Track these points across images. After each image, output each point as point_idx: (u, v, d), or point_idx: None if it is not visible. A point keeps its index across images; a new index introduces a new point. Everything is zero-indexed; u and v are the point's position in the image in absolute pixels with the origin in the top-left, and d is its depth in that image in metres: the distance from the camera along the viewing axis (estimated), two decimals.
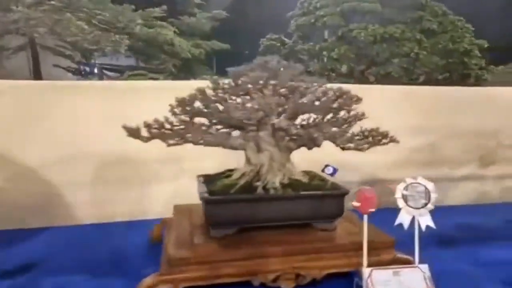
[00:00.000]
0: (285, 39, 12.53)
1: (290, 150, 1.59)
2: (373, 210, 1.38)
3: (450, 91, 2.89)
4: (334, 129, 1.51)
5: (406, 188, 1.43)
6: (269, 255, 1.37)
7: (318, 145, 1.54)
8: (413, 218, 1.42)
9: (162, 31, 16.16)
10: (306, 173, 1.67)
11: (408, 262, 1.46)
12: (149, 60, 13.80)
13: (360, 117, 1.57)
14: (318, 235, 1.49)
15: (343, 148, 1.53)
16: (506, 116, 2.83)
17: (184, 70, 12.98)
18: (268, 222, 1.48)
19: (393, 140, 1.60)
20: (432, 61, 8.34)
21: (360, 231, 1.53)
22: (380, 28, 9.32)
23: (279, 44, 12.14)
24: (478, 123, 2.81)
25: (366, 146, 1.55)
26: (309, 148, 1.59)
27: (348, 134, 1.54)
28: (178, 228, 1.53)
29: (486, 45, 10.16)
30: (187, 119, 1.43)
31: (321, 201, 1.49)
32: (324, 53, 9.06)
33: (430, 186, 1.41)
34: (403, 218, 1.43)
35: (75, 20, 11.02)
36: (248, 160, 1.58)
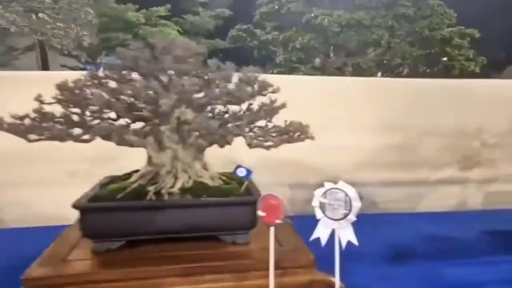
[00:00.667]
0: (258, 30, 11.60)
1: (200, 148, 1.36)
2: (280, 221, 1.14)
3: (428, 83, 2.60)
4: (242, 123, 1.26)
5: (324, 195, 1.17)
6: (157, 275, 1.13)
7: (229, 143, 1.30)
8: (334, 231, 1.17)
9: (165, 30, 16.10)
10: (224, 175, 1.43)
11: (330, 286, 1.20)
12: None
13: (278, 108, 1.31)
14: (224, 251, 1.25)
15: (249, 145, 1.28)
16: (491, 113, 2.53)
17: None
18: (162, 234, 1.24)
19: (309, 137, 1.34)
20: (406, 50, 7.42)
21: (288, 245, 1.29)
22: (346, 14, 8.57)
23: (245, 35, 11.40)
24: (460, 120, 2.52)
25: (275, 143, 1.29)
26: (221, 146, 1.35)
27: (257, 130, 1.29)
28: (65, 239, 1.30)
29: (477, 35, 9.26)
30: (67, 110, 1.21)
31: (226, 210, 1.25)
32: (290, 43, 8.22)
33: (352, 192, 1.15)
34: (321, 232, 1.18)
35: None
36: (149, 159, 1.35)
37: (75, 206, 1.14)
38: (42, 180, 2.01)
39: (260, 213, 1.15)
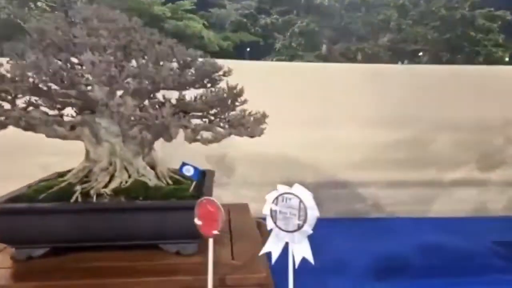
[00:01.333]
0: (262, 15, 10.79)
1: (144, 142, 1.17)
2: (216, 232, 0.93)
3: (443, 70, 2.29)
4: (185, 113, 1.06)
5: (276, 201, 0.95)
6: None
7: (171, 136, 1.10)
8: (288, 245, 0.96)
9: (191, 24, 16.05)
10: (175, 173, 1.24)
11: None
12: None
13: (235, 95, 1.10)
14: (163, 263, 1.06)
15: (190, 141, 1.07)
16: None
17: None
18: (90, 242, 1.06)
19: (256, 132, 1.11)
20: (418, 32, 6.00)
21: (242, 259, 1.10)
22: None
23: (245, 20, 10.67)
24: (481, 112, 2.19)
25: (218, 137, 1.07)
26: (166, 140, 1.16)
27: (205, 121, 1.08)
28: None
29: (508, 17, 7.88)
30: None
31: (165, 215, 1.06)
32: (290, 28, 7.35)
33: (308, 199, 0.92)
34: (272, 245, 0.96)
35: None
36: (86, 154, 1.18)
37: None
38: (11, 174, 1.90)
39: (196, 221, 0.95)
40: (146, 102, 1.17)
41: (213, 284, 0.94)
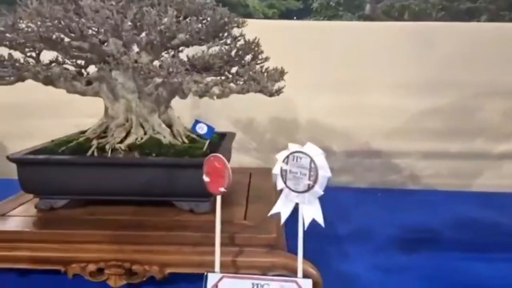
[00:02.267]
0: None
1: (160, 99, 1.15)
2: (223, 190, 0.90)
3: (495, 28, 2.03)
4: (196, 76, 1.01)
5: (286, 160, 0.90)
6: (90, 240, 0.99)
7: (185, 92, 1.07)
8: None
9: None
10: (192, 133, 1.22)
11: (295, 272, 0.95)
12: None
13: (253, 51, 1.03)
14: (175, 219, 1.06)
15: (198, 96, 1.02)
16: None
17: None
18: (109, 196, 1.08)
19: (273, 90, 1.03)
20: None
21: (254, 220, 1.08)
22: None
23: None
24: None
25: (227, 91, 1.01)
26: (181, 97, 1.13)
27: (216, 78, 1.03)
28: (23, 194, 1.22)
29: None
30: None
31: (178, 173, 1.04)
32: None
33: (319, 158, 0.86)
34: (281, 206, 0.92)
35: None
36: (105, 111, 1.19)
37: (8, 158, 1.04)
38: (48, 134, 2.00)
39: (204, 178, 0.93)
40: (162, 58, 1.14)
41: (221, 242, 0.93)
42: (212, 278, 0.91)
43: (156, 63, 1.09)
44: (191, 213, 1.10)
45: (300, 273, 0.91)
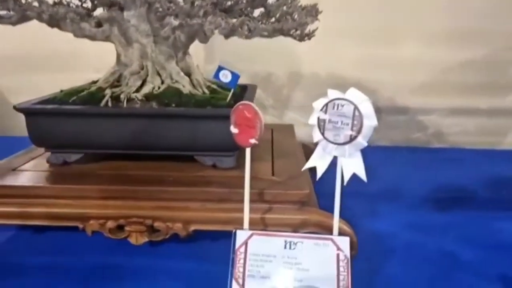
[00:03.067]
0: None
1: (177, 44, 1.04)
2: (254, 141, 0.81)
3: None
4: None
5: (325, 108, 0.80)
6: (109, 196, 0.92)
7: (207, 35, 0.95)
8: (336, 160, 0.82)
9: None
10: (212, 83, 1.11)
11: (329, 230, 0.88)
12: None
13: None
14: (197, 175, 0.98)
15: (226, 36, 0.90)
16: None
17: None
18: (123, 149, 1.00)
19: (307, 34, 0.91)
20: None
21: (283, 175, 1.00)
22: None
23: None
24: None
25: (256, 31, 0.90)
26: (201, 41, 1.02)
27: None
28: (35, 148, 1.15)
29: None
30: None
31: (200, 125, 0.95)
32: None
33: (364, 105, 0.76)
34: (317, 160, 0.83)
35: None
36: (117, 58, 1.08)
37: (15, 107, 0.95)
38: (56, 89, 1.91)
39: (232, 129, 0.84)
40: None
41: (250, 198, 0.85)
42: (241, 236, 0.84)
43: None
44: (214, 168, 1.02)
45: (336, 231, 0.84)
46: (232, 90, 1.02)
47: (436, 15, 1.82)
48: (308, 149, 1.38)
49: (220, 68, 0.98)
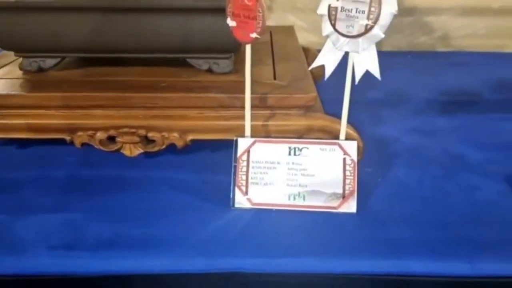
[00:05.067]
0: None
1: None
2: (256, 35, 0.71)
3: None
4: None
5: None
6: (95, 104, 0.84)
7: None
8: (348, 56, 0.73)
9: None
10: None
11: (335, 136, 0.83)
12: None
13: None
14: (191, 80, 0.89)
15: None
16: None
17: None
18: (106, 52, 0.89)
19: None
20: None
21: (286, 79, 0.92)
22: None
23: None
24: None
25: None
26: None
27: None
28: (2, 55, 1.02)
29: None
30: None
31: (190, 21, 0.83)
32: None
33: None
34: (326, 56, 0.74)
35: None
36: None
37: None
38: None
39: (229, 21, 0.73)
40: None
41: (251, 104, 0.78)
42: (243, 143, 0.79)
43: None
44: (209, 73, 0.92)
45: (343, 136, 0.79)
46: None
47: None
48: (309, 52, 1.27)
49: None
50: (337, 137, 0.80)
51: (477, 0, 1.76)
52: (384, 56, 1.81)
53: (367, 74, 0.72)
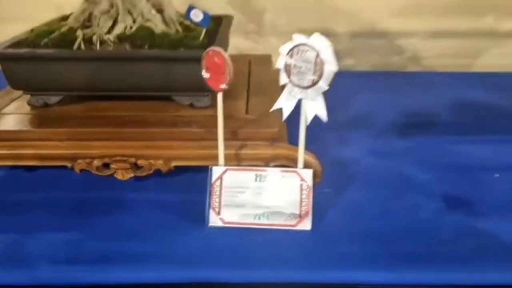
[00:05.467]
0: None
1: None
2: (224, 87, 0.86)
3: None
4: None
5: (291, 53, 0.84)
6: (93, 137, 0.99)
7: None
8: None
9: None
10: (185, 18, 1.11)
11: (297, 163, 0.98)
12: None
13: None
14: (175, 115, 1.04)
15: None
16: None
17: None
18: (101, 91, 1.04)
19: None
20: None
21: (256, 113, 1.06)
22: None
23: None
24: None
25: None
26: None
27: None
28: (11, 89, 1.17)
29: None
30: None
31: (171, 66, 0.98)
32: None
33: (325, 51, 0.80)
34: (283, 102, 0.89)
35: None
36: None
37: None
38: (27, 15, 1.82)
39: (203, 74, 0.88)
40: None
41: (224, 136, 0.93)
42: (216, 171, 0.94)
43: None
44: (191, 107, 1.07)
45: (300, 164, 0.94)
46: (204, 30, 1.03)
47: None
48: None
49: (190, 8, 0.98)
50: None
51: (444, 22, 1.91)
52: (359, 77, 1.99)
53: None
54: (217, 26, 1.18)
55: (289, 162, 1.00)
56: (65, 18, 1.12)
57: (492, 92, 1.68)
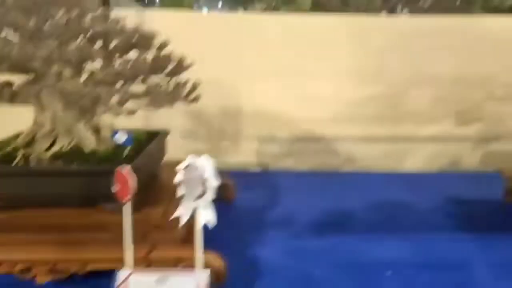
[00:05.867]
0: None
1: (84, 109, 1.24)
2: (127, 199, 1.02)
3: (423, 22, 2.13)
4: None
5: (185, 170, 1.02)
6: (16, 242, 1.12)
7: (104, 104, 1.16)
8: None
9: None
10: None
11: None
12: None
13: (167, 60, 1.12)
14: (95, 219, 1.18)
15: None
16: (505, 57, 2.06)
17: None
18: (34, 204, 1.19)
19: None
20: None
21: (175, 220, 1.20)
22: None
23: None
24: (462, 67, 2.10)
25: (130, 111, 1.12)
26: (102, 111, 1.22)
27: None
28: None
29: None
30: None
31: (95, 179, 1.15)
32: None
33: (207, 169, 0.98)
34: (182, 211, 1.05)
35: None
36: (34, 119, 1.27)
37: None
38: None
39: (113, 187, 1.05)
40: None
41: (135, 240, 1.06)
42: (121, 275, 1.05)
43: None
44: (113, 212, 1.22)
45: (199, 266, 1.06)
46: (128, 147, 1.23)
47: (345, 57, 2.10)
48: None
49: (115, 133, 1.20)
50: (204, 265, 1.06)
51: (373, 129, 2.19)
52: (295, 177, 2.16)
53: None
54: (150, 140, 1.38)
55: (193, 263, 1.11)
56: (18, 135, 1.31)
57: (412, 191, 1.88)
